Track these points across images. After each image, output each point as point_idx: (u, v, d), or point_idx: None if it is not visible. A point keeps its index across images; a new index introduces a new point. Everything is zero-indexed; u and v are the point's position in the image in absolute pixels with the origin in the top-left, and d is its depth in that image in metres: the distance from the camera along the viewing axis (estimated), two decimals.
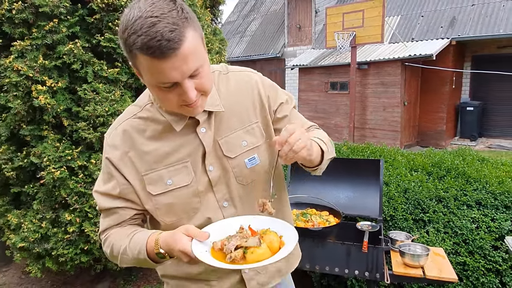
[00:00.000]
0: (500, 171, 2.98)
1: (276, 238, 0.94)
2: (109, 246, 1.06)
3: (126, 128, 1.03)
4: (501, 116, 10.03)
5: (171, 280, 1.18)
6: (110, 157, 1.03)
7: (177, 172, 1.02)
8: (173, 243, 0.91)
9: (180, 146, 1.03)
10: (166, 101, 0.93)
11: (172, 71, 0.84)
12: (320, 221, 2.42)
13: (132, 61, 0.88)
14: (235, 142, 1.07)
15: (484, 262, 2.48)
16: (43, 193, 2.62)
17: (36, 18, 2.44)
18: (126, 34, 0.83)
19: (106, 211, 1.07)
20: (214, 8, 3.80)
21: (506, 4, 9.41)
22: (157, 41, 0.80)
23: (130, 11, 0.84)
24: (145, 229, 1.07)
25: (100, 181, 1.07)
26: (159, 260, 0.98)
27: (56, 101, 2.45)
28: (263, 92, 1.13)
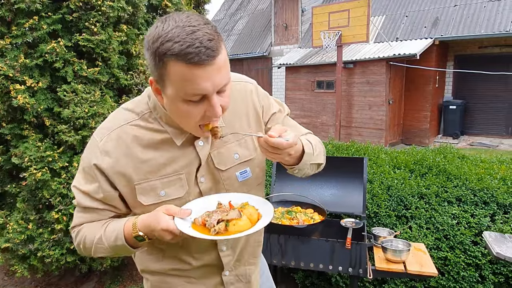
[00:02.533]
0: (479, 168, 3.06)
1: (254, 211, 0.97)
2: (81, 238, 1.05)
3: (121, 134, 0.99)
4: (482, 115, 10.27)
5: (151, 276, 1.17)
6: (100, 164, 0.98)
7: (171, 183, 1.01)
8: (155, 223, 0.92)
9: (177, 158, 1.01)
10: (188, 117, 0.91)
11: (205, 80, 0.83)
12: (305, 218, 2.45)
13: (160, 71, 0.85)
14: (227, 154, 1.06)
15: (464, 257, 2.55)
16: (27, 192, 2.58)
17: (14, 16, 2.39)
18: (158, 43, 0.82)
19: (83, 208, 1.05)
20: (200, 7, 3.79)
21: (487, 5, 9.63)
22: (196, 48, 0.80)
23: (163, 23, 0.83)
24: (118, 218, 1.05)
25: (80, 178, 1.04)
26: (138, 244, 0.98)
27: (36, 100, 2.41)
28: (258, 104, 1.12)
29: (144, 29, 2.89)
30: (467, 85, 10.32)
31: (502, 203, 2.65)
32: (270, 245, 2.38)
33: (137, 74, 2.70)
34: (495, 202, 2.66)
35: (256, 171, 1.12)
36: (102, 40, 2.49)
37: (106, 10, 2.46)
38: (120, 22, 2.67)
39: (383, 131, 9.56)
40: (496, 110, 10.05)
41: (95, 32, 2.46)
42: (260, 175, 1.14)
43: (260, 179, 1.15)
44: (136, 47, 2.70)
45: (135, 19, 2.74)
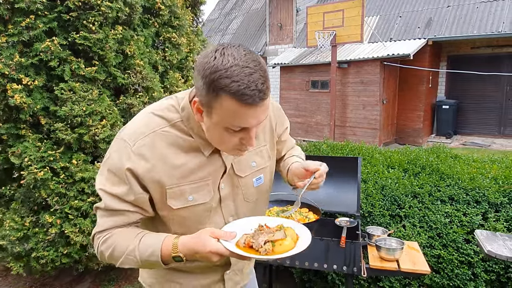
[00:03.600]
0: (472, 168, 3.11)
1: (293, 231, 1.04)
2: (109, 247, 1.03)
3: (155, 139, 1.02)
4: (475, 114, 10.38)
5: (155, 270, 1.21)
6: (135, 168, 1.00)
7: (198, 189, 1.06)
8: (201, 247, 0.95)
9: (205, 165, 1.07)
10: (225, 141, 0.98)
11: (252, 118, 0.92)
12: (300, 217, 2.47)
13: (210, 99, 0.91)
14: (246, 162, 1.14)
15: (457, 254, 2.59)
16: (21, 194, 2.57)
17: (12, 14, 2.39)
18: (216, 75, 0.86)
19: (111, 211, 1.04)
20: (195, 8, 3.79)
21: (479, 6, 9.73)
22: (251, 90, 0.86)
23: (222, 56, 0.88)
24: (151, 232, 1.06)
25: (105, 180, 1.03)
26: (172, 262, 1.00)
27: (32, 99, 2.41)
28: (273, 118, 1.22)
29: (139, 30, 2.89)
30: (460, 85, 10.42)
31: (494, 202, 2.69)
32: None
33: (134, 73, 2.71)
34: (486, 201, 2.70)
35: (268, 178, 1.22)
36: (99, 39, 2.49)
37: (105, 10, 2.46)
38: (117, 23, 2.67)
39: (377, 131, 9.62)
40: (489, 110, 10.16)
41: (93, 30, 2.46)
42: (269, 182, 1.25)
43: (269, 186, 1.25)
44: (131, 48, 2.71)
45: (131, 20, 2.74)
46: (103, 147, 2.58)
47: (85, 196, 2.59)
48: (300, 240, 1.02)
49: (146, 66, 2.81)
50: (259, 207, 1.22)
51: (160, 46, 3.25)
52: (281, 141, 1.31)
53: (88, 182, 2.57)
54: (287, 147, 1.36)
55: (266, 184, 1.22)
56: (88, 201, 2.58)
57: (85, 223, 2.58)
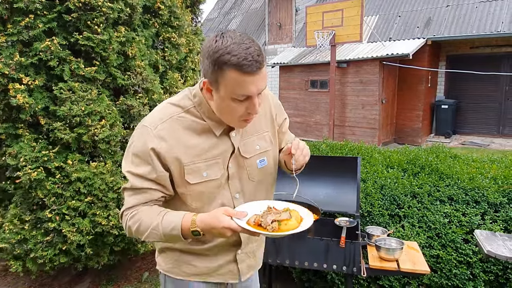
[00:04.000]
0: (471, 168, 3.11)
1: (298, 214, 1.17)
2: (137, 222, 1.17)
3: (173, 123, 1.18)
4: (474, 114, 10.40)
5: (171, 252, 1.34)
6: (157, 148, 1.15)
7: (211, 166, 1.21)
8: (216, 222, 1.08)
9: (216, 145, 1.22)
10: (233, 112, 1.13)
11: (252, 85, 1.07)
12: None
13: (216, 76, 1.07)
14: (251, 145, 1.29)
15: (456, 254, 2.59)
16: (20, 195, 2.57)
17: (11, 14, 2.38)
18: (218, 54, 1.04)
19: (136, 190, 1.18)
20: (195, 7, 3.79)
21: (479, 6, 9.74)
22: (249, 61, 1.03)
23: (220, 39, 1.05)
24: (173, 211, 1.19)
25: (131, 163, 1.18)
26: (191, 237, 1.14)
27: (34, 99, 2.41)
28: (273, 110, 1.38)
29: (140, 30, 2.88)
30: (459, 85, 10.43)
31: (493, 202, 2.69)
32: (265, 244, 2.39)
33: (134, 75, 2.70)
34: (486, 201, 2.71)
35: (271, 161, 1.35)
36: (103, 40, 2.48)
37: (106, 11, 2.46)
38: (118, 24, 2.66)
39: (376, 130, 9.63)
40: (487, 110, 10.18)
41: (98, 31, 2.45)
42: (273, 166, 1.37)
43: (273, 169, 1.37)
44: (132, 49, 2.70)
45: (132, 20, 2.74)
46: (102, 147, 2.58)
47: (82, 196, 2.58)
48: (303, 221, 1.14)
49: (146, 67, 2.81)
50: (262, 187, 1.35)
51: (160, 46, 3.25)
52: (282, 132, 1.43)
53: (84, 182, 2.56)
54: (286, 140, 1.47)
55: (270, 167, 1.35)
56: (86, 201, 2.58)
57: (83, 223, 2.57)
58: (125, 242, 2.90)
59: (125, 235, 2.79)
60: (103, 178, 2.58)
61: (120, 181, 2.69)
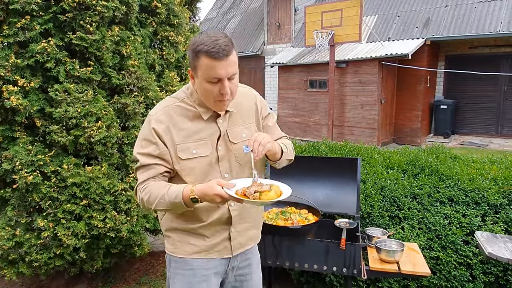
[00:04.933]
0: (471, 169, 3.09)
1: (278, 188, 1.40)
2: (147, 194, 1.42)
3: (169, 111, 1.47)
4: (473, 114, 10.40)
5: (173, 234, 1.57)
6: (156, 128, 1.44)
7: (200, 146, 1.46)
8: (210, 190, 1.31)
9: (204, 129, 1.48)
10: (209, 93, 1.38)
11: (221, 69, 1.32)
12: (299, 219, 2.46)
13: (195, 63, 1.35)
14: (238, 133, 1.54)
15: (456, 256, 2.58)
16: (16, 198, 2.54)
17: (6, 15, 2.35)
18: (195, 45, 1.33)
19: (145, 166, 1.45)
20: (192, 6, 3.76)
21: (477, 6, 9.73)
22: (217, 49, 1.30)
23: (200, 35, 1.36)
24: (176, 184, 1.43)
25: (139, 146, 1.47)
26: (191, 204, 1.36)
27: (29, 101, 2.38)
28: (259, 104, 1.64)
29: (136, 29, 2.86)
30: (457, 85, 10.43)
31: (493, 203, 2.68)
32: (264, 246, 2.38)
33: (128, 74, 2.67)
34: (486, 202, 2.69)
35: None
36: (96, 40, 2.46)
37: (101, 10, 2.43)
38: (114, 23, 2.63)
39: (375, 131, 9.62)
40: (486, 110, 10.18)
41: (90, 31, 2.43)
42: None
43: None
44: (127, 48, 2.67)
45: (128, 19, 2.71)
46: (99, 149, 2.55)
47: (78, 200, 2.55)
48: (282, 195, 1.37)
49: (141, 66, 2.78)
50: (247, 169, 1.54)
51: (158, 45, 3.22)
52: (268, 126, 1.66)
53: (80, 186, 2.53)
54: (274, 134, 1.67)
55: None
56: (81, 205, 2.55)
57: (78, 226, 2.54)
58: (122, 244, 2.87)
59: (122, 238, 2.77)
60: (99, 182, 2.55)
61: (117, 183, 2.66)
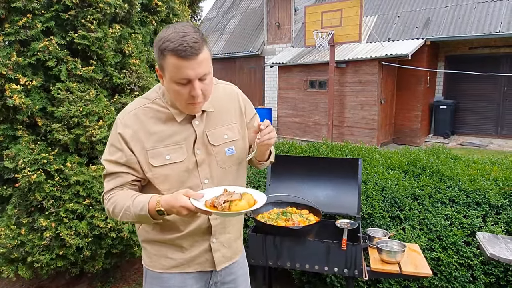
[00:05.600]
0: (472, 169, 3.09)
1: (251, 197, 1.26)
2: (112, 204, 1.30)
3: (137, 113, 1.32)
4: (473, 115, 10.41)
5: (149, 246, 1.44)
6: (122, 133, 1.30)
7: (174, 151, 1.32)
8: (174, 201, 1.18)
9: (178, 132, 1.33)
10: (179, 95, 1.23)
11: (189, 70, 1.16)
12: (300, 219, 2.45)
13: (161, 62, 1.20)
14: (219, 134, 1.39)
15: (456, 257, 2.58)
16: (18, 197, 2.53)
17: (8, 13, 2.35)
18: (161, 42, 1.17)
19: (112, 174, 1.32)
20: (194, 5, 3.76)
21: (477, 7, 9.74)
22: (184, 47, 1.14)
23: (166, 30, 1.19)
24: (144, 194, 1.30)
25: (107, 152, 1.34)
26: (157, 216, 1.24)
27: (31, 100, 2.37)
28: (242, 103, 1.49)
29: (137, 28, 2.85)
30: (457, 85, 10.44)
31: (494, 204, 2.68)
32: (265, 247, 2.38)
33: (129, 73, 2.67)
34: (487, 203, 2.69)
35: (238, 151, 1.44)
36: (98, 38, 2.45)
37: (103, 7, 2.42)
38: (115, 21, 2.63)
39: (375, 131, 9.62)
40: (486, 110, 10.19)
41: (92, 29, 2.42)
42: (242, 156, 1.46)
43: (241, 159, 1.46)
44: (129, 47, 2.67)
45: (130, 17, 2.70)
46: (100, 148, 2.54)
47: (81, 199, 2.55)
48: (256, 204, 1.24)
49: (142, 65, 2.78)
50: (230, 174, 1.43)
51: None
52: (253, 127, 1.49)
53: (83, 185, 2.53)
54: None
55: (237, 156, 1.44)
56: (84, 204, 2.54)
57: (81, 226, 2.54)
58: (123, 244, 2.86)
59: (123, 238, 2.76)
60: (102, 182, 2.55)
61: None
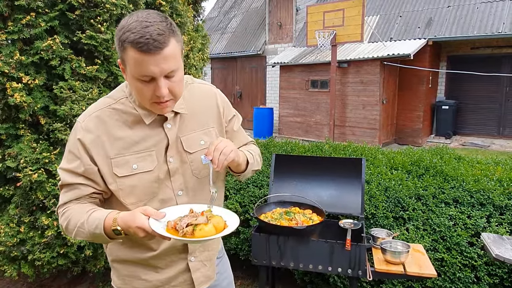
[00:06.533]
0: (476, 169, 3.08)
1: (221, 220, 1.09)
2: (66, 220, 1.15)
3: (100, 115, 1.16)
4: (474, 115, 10.39)
5: (120, 265, 1.29)
6: (82, 139, 1.13)
7: (142, 159, 1.16)
8: (131, 221, 1.03)
9: (148, 137, 1.17)
10: (142, 94, 1.08)
11: (153, 66, 1.01)
12: (303, 219, 2.44)
13: (121, 54, 1.05)
14: (195, 140, 1.24)
15: (460, 258, 2.56)
16: (19, 196, 2.52)
17: (11, 11, 2.34)
18: (121, 32, 1.02)
19: (68, 186, 1.17)
20: (197, 5, 3.75)
21: (480, 7, 9.72)
22: (146, 39, 0.99)
23: (129, 18, 1.04)
24: (103, 209, 1.16)
25: (65, 160, 1.18)
26: (114, 236, 1.09)
27: (33, 98, 2.36)
28: (220, 104, 1.34)
29: None
30: (459, 86, 10.42)
31: (499, 205, 2.67)
32: (269, 247, 2.37)
33: None
34: (491, 203, 2.68)
35: None
36: (106, 39, 2.44)
37: (110, 7, 2.41)
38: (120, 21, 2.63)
39: (376, 131, 9.61)
40: (488, 111, 10.17)
41: (101, 30, 2.41)
42: None
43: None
44: None
45: None
46: None
47: None
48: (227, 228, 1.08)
49: None
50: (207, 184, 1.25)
51: None
52: (233, 131, 1.39)
53: None
54: (239, 140, 1.42)
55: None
56: None
57: None
58: None
59: None
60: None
61: None
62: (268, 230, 2.38)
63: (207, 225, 1.04)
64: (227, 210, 1.18)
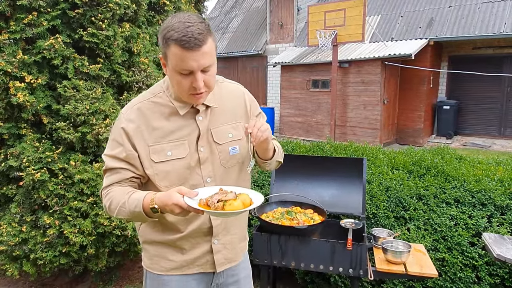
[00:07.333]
0: (477, 170, 3.08)
1: (247, 197, 1.21)
2: (109, 200, 1.28)
3: (141, 107, 1.30)
4: (475, 115, 10.38)
5: (150, 246, 1.41)
6: (125, 128, 1.27)
7: (176, 147, 1.29)
8: (168, 199, 1.14)
9: (182, 127, 1.30)
10: (181, 85, 1.21)
11: (192, 61, 1.15)
12: (305, 219, 2.45)
13: (164, 50, 1.19)
14: (224, 133, 1.37)
15: (461, 258, 2.56)
16: (21, 195, 2.53)
17: (13, 10, 2.35)
18: (166, 31, 1.16)
19: (111, 170, 1.30)
20: (199, 4, 3.76)
21: (481, 7, 9.71)
22: (188, 37, 1.13)
23: (172, 19, 1.18)
24: (141, 191, 1.28)
25: (108, 147, 1.32)
26: (152, 214, 1.21)
27: (35, 98, 2.37)
28: (248, 102, 1.47)
29: (144, 27, 2.85)
30: (460, 86, 10.41)
31: (500, 205, 2.67)
32: (270, 246, 2.37)
33: (138, 71, 2.67)
34: (492, 203, 2.68)
35: (242, 150, 1.42)
36: (108, 36, 2.45)
37: (113, 7, 2.42)
38: (123, 20, 2.63)
39: (377, 131, 9.60)
40: (489, 111, 10.16)
41: (102, 27, 2.42)
42: (245, 155, 1.43)
43: (244, 158, 1.43)
44: (137, 45, 2.67)
45: (137, 17, 2.71)
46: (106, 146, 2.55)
47: (85, 197, 2.55)
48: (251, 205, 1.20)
49: (150, 64, 2.78)
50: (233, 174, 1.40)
51: None
52: None
53: (87, 183, 2.53)
54: None
55: (241, 155, 1.41)
56: (88, 202, 2.54)
57: (85, 224, 2.54)
58: (127, 243, 2.86)
59: (127, 236, 2.76)
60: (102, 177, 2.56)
61: None
62: (269, 230, 2.38)
63: (236, 200, 1.16)
64: (253, 190, 1.30)
